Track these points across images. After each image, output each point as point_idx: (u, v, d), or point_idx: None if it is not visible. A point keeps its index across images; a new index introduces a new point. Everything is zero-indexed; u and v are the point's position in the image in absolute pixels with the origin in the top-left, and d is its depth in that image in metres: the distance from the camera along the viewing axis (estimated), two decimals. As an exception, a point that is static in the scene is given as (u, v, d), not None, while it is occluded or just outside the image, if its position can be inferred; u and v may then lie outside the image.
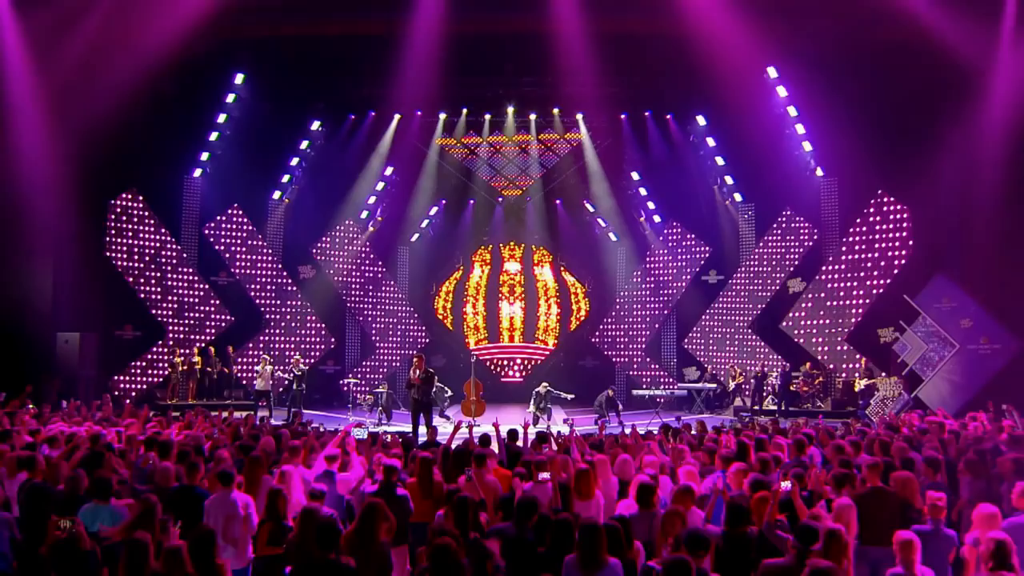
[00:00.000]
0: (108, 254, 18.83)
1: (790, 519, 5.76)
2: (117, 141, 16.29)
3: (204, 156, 20.14)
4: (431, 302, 24.23)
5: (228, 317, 20.46)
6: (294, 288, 21.48)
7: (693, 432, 10.82)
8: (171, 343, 19.40)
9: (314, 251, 21.86)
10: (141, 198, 19.43)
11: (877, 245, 18.96)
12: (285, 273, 21.44)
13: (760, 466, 7.03)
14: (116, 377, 18.65)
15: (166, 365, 18.97)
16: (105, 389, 17.36)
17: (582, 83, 20.06)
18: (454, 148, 23.18)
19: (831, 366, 19.29)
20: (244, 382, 20.16)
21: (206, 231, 20.54)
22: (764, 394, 19.48)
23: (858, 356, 18.76)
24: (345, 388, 20.28)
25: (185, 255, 20.09)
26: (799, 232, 20.51)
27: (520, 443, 9.03)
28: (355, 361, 22.50)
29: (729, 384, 20.24)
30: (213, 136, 19.99)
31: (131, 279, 19.20)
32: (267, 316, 21.19)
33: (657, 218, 22.99)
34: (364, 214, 22.69)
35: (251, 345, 20.84)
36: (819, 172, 19.93)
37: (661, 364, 22.78)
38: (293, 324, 21.39)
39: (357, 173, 21.82)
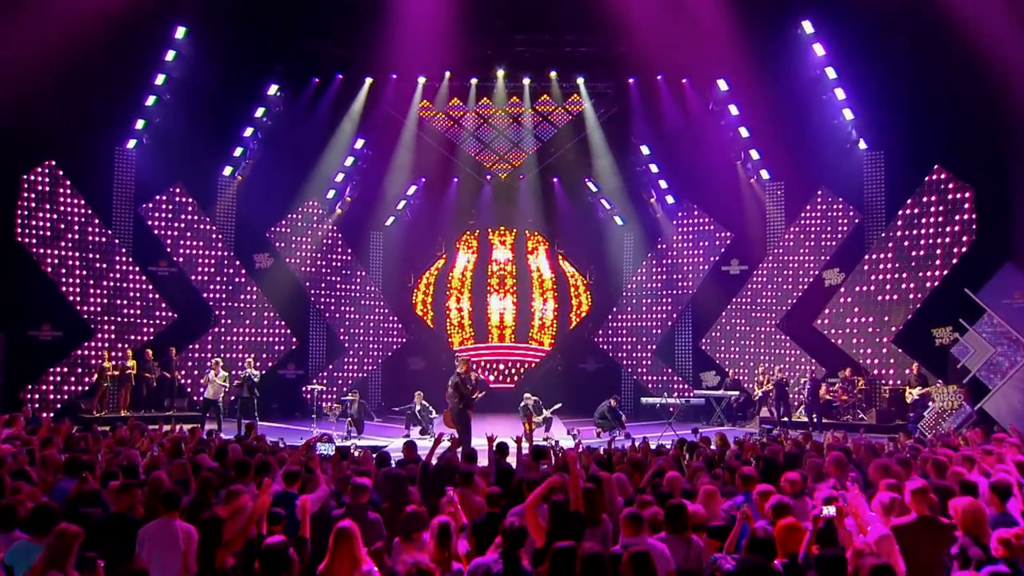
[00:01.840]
0: (21, 239, 17.79)
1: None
2: (32, 104, 15.19)
3: (139, 124, 19.02)
4: (409, 296, 23.68)
5: (169, 314, 19.61)
6: (248, 280, 20.82)
7: (712, 447, 10.49)
8: (100, 344, 18.46)
9: (272, 236, 21.27)
10: (61, 172, 18.34)
11: (932, 230, 18.06)
12: (238, 262, 20.73)
13: (790, 488, 6.75)
14: (30, 386, 17.66)
15: (93, 370, 18.00)
16: (16, 400, 16.49)
17: (584, 42, 20.15)
18: (435, 118, 22.45)
19: (875, 372, 18.53)
20: (189, 390, 19.52)
21: (142, 212, 19.58)
22: (793, 404, 18.91)
23: (908, 360, 17.91)
24: (308, 396, 19.86)
25: (117, 240, 19.08)
26: (837, 215, 19.71)
27: (514, 459, 8.93)
28: (320, 364, 21.93)
29: (755, 392, 19.53)
30: (150, 100, 18.88)
31: (49, 269, 18.17)
32: (216, 312, 20.47)
33: (670, 199, 22.43)
34: (331, 194, 22.00)
35: (197, 346, 20.08)
36: (862, 144, 18.99)
37: (674, 368, 22.31)
38: (247, 322, 20.68)
39: (322, 146, 21.07)
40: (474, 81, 21.43)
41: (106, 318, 18.77)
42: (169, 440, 10.38)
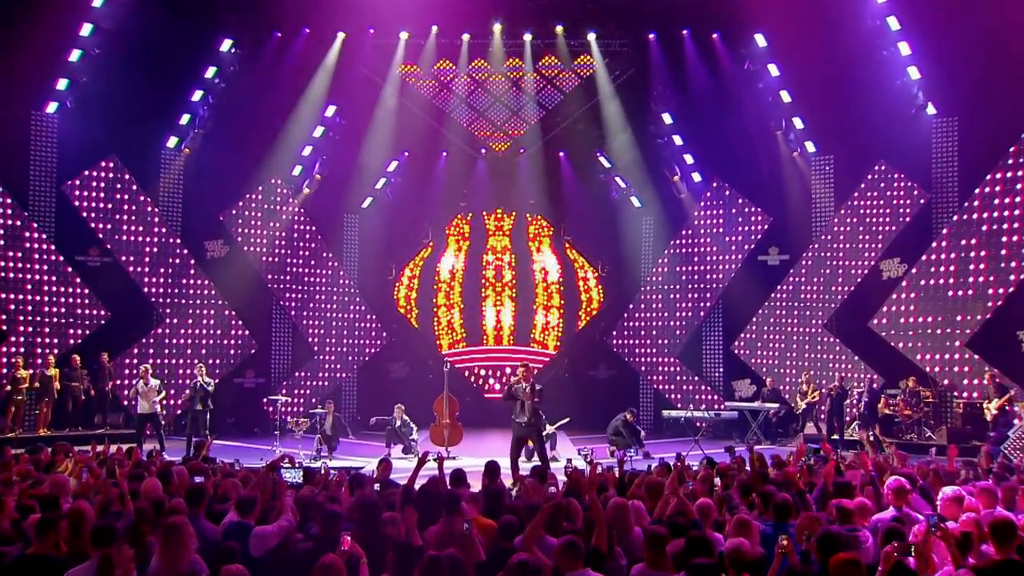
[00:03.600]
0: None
1: None
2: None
3: (61, 84, 18.22)
4: (390, 291, 23.33)
5: (101, 312, 18.98)
6: (198, 271, 20.39)
7: (748, 468, 10.12)
8: (13, 350, 17.83)
9: (226, 220, 20.74)
10: (-37, 142, 17.53)
11: (1018, 211, 17.21)
12: (185, 251, 20.26)
13: (840, 517, 6.69)
14: (-74, 401, 17.08)
15: (5, 382, 17.39)
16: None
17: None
18: (421, 81, 21.88)
19: (945, 382, 17.87)
20: (125, 403, 18.82)
21: (67, 191, 18.91)
22: (847, 418, 18.26)
23: (986, 369, 17.02)
24: (270, 409, 19.25)
25: (35, 225, 18.39)
26: (899, 194, 19.03)
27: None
28: (284, 372, 21.61)
29: (798, 404, 19.00)
30: (74, 55, 18.09)
31: (-49, 261, 17.60)
32: (159, 310, 19.98)
33: (697, 176, 21.91)
34: (297, 170, 21.49)
35: (135, 351, 19.53)
36: (930, 109, 18.30)
37: (702, 376, 21.87)
38: (197, 321, 20.25)
39: (286, 114, 20.42)
40: (466, 38, 20.78)
41: (21, 318, 18.12)
42: (101, 463, 9.89)
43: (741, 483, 8.69)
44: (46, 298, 18.19)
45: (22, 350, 17.57)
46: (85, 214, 18.97)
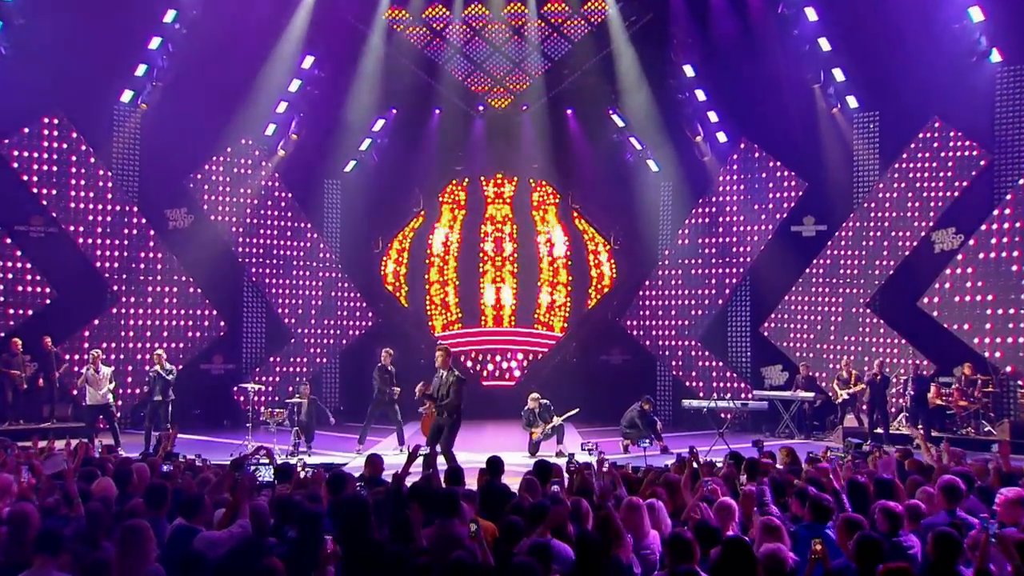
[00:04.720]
0: None
1: None
2: None
3: None
4: (376, 266, 23.01)
5: (46, 290, 18.59)
6: (159, 243, 20.08)
7: (779, 466, 10.12)
8: None
9: (190, 186, 20.43)
10: None
11: None
12: (144, 220, 19.85)
13: (886, 522, 6.49)
14: None
15: None
16: None
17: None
18: (410, 28, 21.59)
19: (1007, 368, 17.15)
20: (75, 392, 18.21)
21: (4, 151, 18.42)
22: (891, 409, 17.93)
23: None
24: (241, 399, 19.14)
25: None
26: (955, 155, 18.43)
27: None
28: (257, 356, 21.42)
29: (836, 393, 18.50)
30: None
31: None
32: (114, 288, 19.58)
33: (722, 136, 21.47)
34: (270, 129, 21.11)
35: (87, 334, 19.06)
36: (995, 56, 17.42)
37: (727, 361, 21.59)
38: (153, 300, 19.90)
39: (258, 65, 19.96)
40: (462, -21, 20.77)
41: (-48, 297, 17.56)
42: (44, 460, 9.68)
43: (772, 481, 8.47)
44: (-18, 274, 17.52)
45: (-49, 335, 16.88)
46: (26, 177, 18.47)
